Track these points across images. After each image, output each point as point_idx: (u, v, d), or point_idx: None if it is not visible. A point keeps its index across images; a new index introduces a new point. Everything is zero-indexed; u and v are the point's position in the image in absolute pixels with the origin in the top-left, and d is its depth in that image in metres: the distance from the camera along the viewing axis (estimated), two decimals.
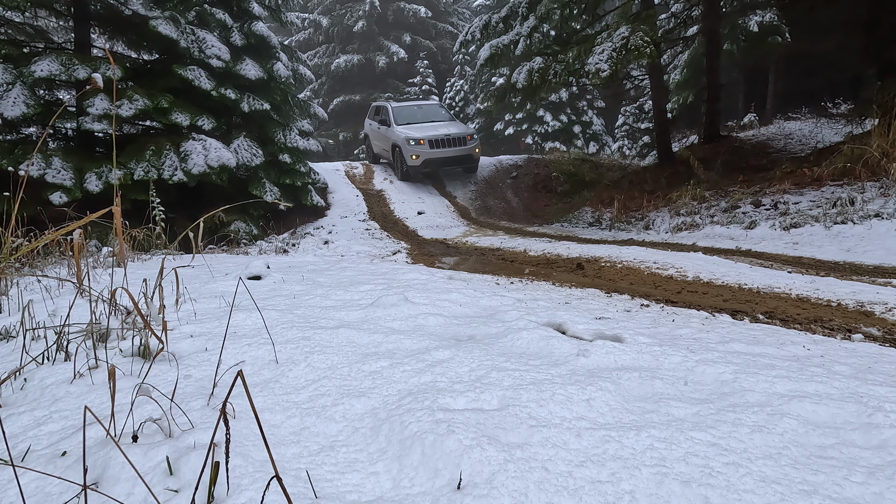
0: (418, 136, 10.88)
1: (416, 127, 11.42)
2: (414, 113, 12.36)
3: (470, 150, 11.38)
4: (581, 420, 1.23)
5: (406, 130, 11.17)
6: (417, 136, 10.91)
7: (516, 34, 9.38)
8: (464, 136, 11.28)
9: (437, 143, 10.93)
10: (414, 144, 10.88)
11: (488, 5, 23.77)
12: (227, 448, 0.88)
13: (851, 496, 0.95)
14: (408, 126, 11.43)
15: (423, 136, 10.87)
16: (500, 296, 2.78)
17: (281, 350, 1.67)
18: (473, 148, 11.47)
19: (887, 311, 2.60)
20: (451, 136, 11.03)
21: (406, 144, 10.92)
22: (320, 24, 27.52)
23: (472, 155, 11.53)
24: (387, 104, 12.51)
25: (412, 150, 10.93)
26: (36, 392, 1.39)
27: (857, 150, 6.34)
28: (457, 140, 11.16)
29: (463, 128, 11.89)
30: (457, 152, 11.22)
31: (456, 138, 11.13)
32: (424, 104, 13.29)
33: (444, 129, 11.21)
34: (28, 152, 6.30)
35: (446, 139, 10.98)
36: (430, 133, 10.99)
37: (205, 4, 8.06)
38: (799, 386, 1.41)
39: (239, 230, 7.81)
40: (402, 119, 11.87)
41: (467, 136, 11.38)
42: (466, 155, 11.40)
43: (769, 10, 11.47)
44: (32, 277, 2.86)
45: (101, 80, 1.59)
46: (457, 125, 11.87)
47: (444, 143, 11.01)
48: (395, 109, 12.14)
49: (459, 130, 11.45)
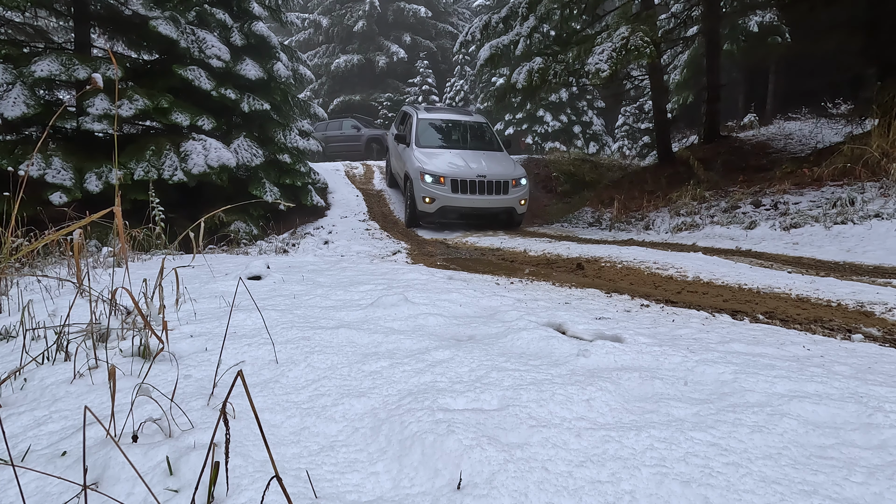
0: (439, 171, 7.52)
1: (440, 154, 8.01)
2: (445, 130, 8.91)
3: (513, 202, 7.74)
4: (581, 420, 1.23)
5: (424, 157, 7.86)
6: (438, 169, 7.56)
7: (516, 34, 9.39)
8: (507, 181, 7.63)
9: (464, 186, 7.51)
10: (431, 182, 7.52)
11: (488, 5, 23.78)
12: (227, 448, 0.88)
13: (851, 496, 0.95)
14: (429, 151, 8.12)
15: (445, 171, 7.52)
16: (500, 296, 2.78)
17: (281, 350, 1.67)
18: (519, 198, 7.78)
19: (887, 312, 2.60)
20: (488, 180, 7.52)
21: (419, 180, 7.55)
22: (320, 24, 27.52)
23: (515, 208, 7.81)
24: (412, 109, 9.16)
25: (427, 190, 7.54)
26: (36, 392, 1.39)
27: (857, 151, 6.34)
28: (495, 186, 7.59)
29: (508, 165, 8.19)
30: (491, 203, 7.64)
31: (494, 183, 7.56)
32: (464, 119, 9.42)
33: (481, 164, 7.79)
34: (28, 152, 6.31)
35: (480, 183, 7.51)
36: (458, 168, 7.62)
37: (205, 4, 8.06)
38: (799, 386, 1.41)
39: (239, 230, 7.81)
40: (425, 137, 8.50)
41: (512, 180, 7.67)
42: (506, 209, 7.77)
43: (769, 10, 11.48)
44: (32, 277, 2.86)
45: (101, 80, 1.59)
46: (501, 160, 8.26)
47: (474, 187, 7.54)
48: (419, 121, 8.72)
49: (502, 170, 7.85)
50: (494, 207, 7.78)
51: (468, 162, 7.88)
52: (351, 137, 18.80)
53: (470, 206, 7.67)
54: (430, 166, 7.68)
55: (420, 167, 7.68)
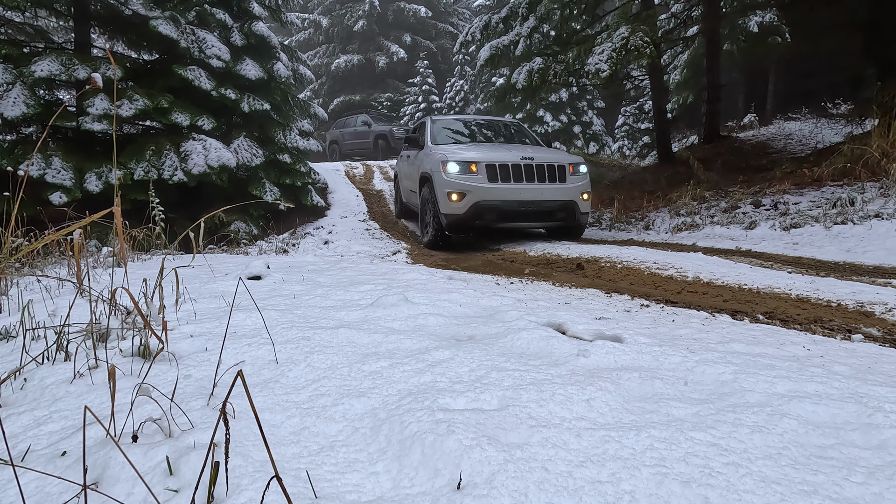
0: (469, 156, 5.75)
1: (466, 147, 6.35)
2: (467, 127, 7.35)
3: (573, 194, 5.81)
4: (581, 420, 1.23)
5: (446, 149, 6.14)
6: (467, 155, 5.80)
7: (516, 34, 9.39)
8: (562, 165, 5.84)
9: (504, 172, 5.62)
10: (458, 173, 5.64)
11: (488, 5, 23.78)
12: (227, 448, 0.88)
13: (851, 496, 0.95)
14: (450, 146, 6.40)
15: (478, 155, 5.79)
16: (500, 296, 2.78)
17: (281, 350, 1.67)
18: (581, 190, 5.88)
19: (887, 312, 2.60)
20: (537, 164, 5.71)
21: (441, 172, 5.70)
22: (320, 24, 27.53)
23: (578, 204, 5.84)
24: (426, 119, 7.48)
25: (452, 182, 5.62)
26: (36, 392, 1.39)
27: (857, 151, 6.34)
28: (547, 172, 5.73)
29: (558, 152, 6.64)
30: (545, 194, 5.68)
31: (546, 167, 5.74)
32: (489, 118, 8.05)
33: (524, 150, 6.14)
34: (28, 152, 6.31)
35: (527, 168, 5.68)
36: (494, 153, 5.86)
37: (205, 4, 8.06)
38: (799, 386, 1.41)
39: (239, 230, 7.81)
40: (443, 135, 6.93)
41: (569, 165, 5.90)
42: (564, 205, 5.77)
43: (769, 10, 11.48)
44: (32, 277, 2.86)
45: (100, 79, 1.59)
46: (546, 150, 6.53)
47: (519, 173, 5.65)
48: (434, 122, 7.27)
49: (554, 154, 6.15)
50: (549, 202, 5.67)
51: (506, 149, 6.09)
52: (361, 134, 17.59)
53: (516, 200, 5.58)
54: (456, 154, 5.83)
55: (441, 157, 5.82)
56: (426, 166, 6.26)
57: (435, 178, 5.87)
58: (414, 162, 7.11)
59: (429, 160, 6.21)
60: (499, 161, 5.68)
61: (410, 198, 7.58)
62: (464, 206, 5.60)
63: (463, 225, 5.77)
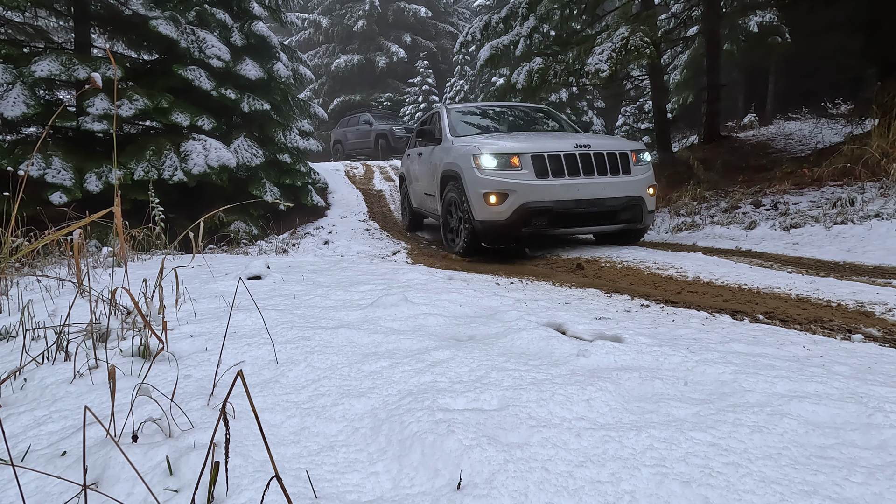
0: (509, 148, 4.65)
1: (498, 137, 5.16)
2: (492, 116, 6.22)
3: (639, 188, 4.80)
4: (581, 420, 1.22)
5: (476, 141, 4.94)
6: (506, 146, 4.69)
7: (516, 34, 9.39)
8: (624, 153, 4.79)
9: (555, 163, 4.56)
10: (496, 168, 4.57)
11: (488, 5, 23.78)
12: (227, 448, 0.88)
13: (851, 496, 0.95)
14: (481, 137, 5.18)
15: (520, 145, 4.67)
16: (500, 296, 2.78)
17: (281, 350, 1.67)
18: (647, 183, 4.88)
19: (887, 312, 2.60)
20: (595, 151, 4.66)
21: (473, 169, 4.63)
22: (320, 24, 27.53)
23: (645, 200, 4.85)
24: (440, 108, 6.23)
25: (489, 180, 4.56)
26: (36, 392, 1.39)
27: (857, 151, 6.34)
28: (608, 161, 4.68)
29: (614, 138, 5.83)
30: (607, 190, 4.64)
31: (606, 156, 4.69)
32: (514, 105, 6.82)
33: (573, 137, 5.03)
34: (28, 152, 6.31)
35: (584, 157, 4.63)
36: (541, 142, 4.76)
37: (205, 4, 8.07)
38: (799, 386, 1.41)
39: (239, 230, 7.81)
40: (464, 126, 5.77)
41: (631, 152, 4.85)
42: (630, 202, 4.74)
43: (769, 10, 11.48)
44: (32, 277, 2.86)
45: (100, 79, 1.59)
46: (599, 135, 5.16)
47: (575, 164, 4.60)
48: (451, 111, 6.02)
49: (611, 141, 5.07)
50: (613, 199, 4.58)
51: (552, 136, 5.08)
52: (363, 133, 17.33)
53: (572, 200, 4.46)
54: (491, 144, 4.68)
55: (472, 149, 4.65)
56: (450, 162, 5.06)
57: (465, 176, 4.69)
58: (430, 159, 5.86)
59: (453, 155, 5.03)
60: (548, 151, 4.52)
61: (425, 203, 6.37)
62: (506, 209, 4.45)
63: (504, 234, 4.62)
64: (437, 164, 5.49)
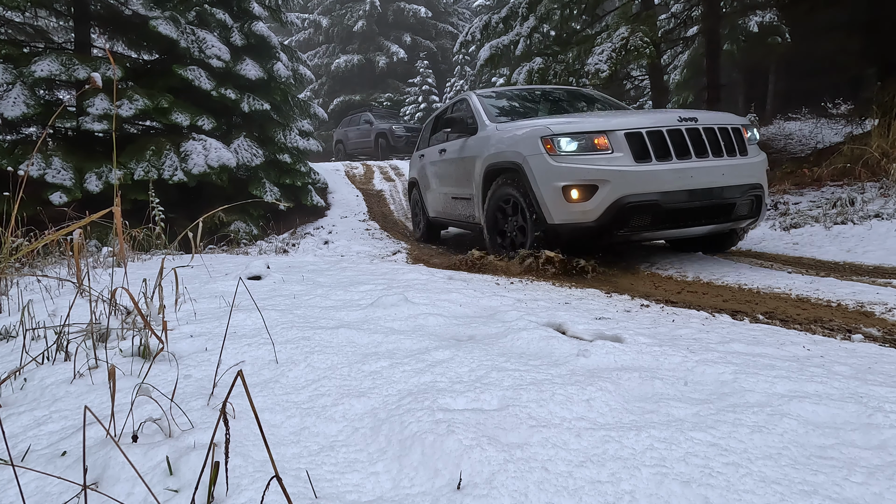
0: (592, 126, 3.60)
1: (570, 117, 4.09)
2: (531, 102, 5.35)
3: (758, 173, 3.76)
4: (581, 420, 1.22)
5: (542, 122, 3.88)
6: (588, 124, 3.64)
7: (516, 34, 9.40)
8: (736, 127, 3.75)
9: (659, 142, 3.51)
10: (577, 151, 3.54)
11: (488, 5, 23.78)
12: (227, 448, 0.88)
13: (851, 496, 0.95)
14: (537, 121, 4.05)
15: (606, 123, 3.58)
16: (500, 296, 2.78)
17: (281, 350, 1.67)
18: (763, 166, 3.88)
19: (887, 312, 2.60)
20: (705, 126, 3.60)
21: (545, 155, 3.61)
22: (320, 24, 27.53)
23: (764, 186, 3.82)
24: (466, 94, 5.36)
25: (571, 168, 3.50)
26: (36, 392, 1.39)
27: (857, 151, 6.34)
28: (722, 138, 3.64)
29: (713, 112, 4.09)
30: (725, 178, 3.54)
31: (719, 131, 3.64)
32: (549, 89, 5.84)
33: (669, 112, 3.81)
34: (28, 152, 6.31)
35: (692, 132, 3.56)
36: (629, 119, 3.64)
37: (205, 4, 8.07)
38: (799, 386, 1.41)
39: (239, 230, 7.82)
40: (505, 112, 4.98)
41: (742, 126, 3.81)
42: (750, 189, 3.66)
43: (769, 10, 11.47)
44: (32, 277, 2.86)
45: (100, 79, 1.59)
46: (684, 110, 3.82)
47: (682, 143, 3.53)
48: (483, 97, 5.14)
49: (714, 115, 3.83)
50: (733, 187, 3.59)
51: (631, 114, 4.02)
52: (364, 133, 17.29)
53: (685, 190, 3.47)
54: (567, 123, 3.68)
55: (541, 130, 3.66)
56: (499, 153, 4.11)
57: (531, 166, 3.65)
58: (461, 154, 4.94)
59: (506, 142, 4.03)
60: (646, 127, 3.48)
61: (452, 208, 5.37)
62: (594, 206, 3.42)
63: (595, 238, 3.60)
64: (477, 158, 4.54)
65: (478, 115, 4.87)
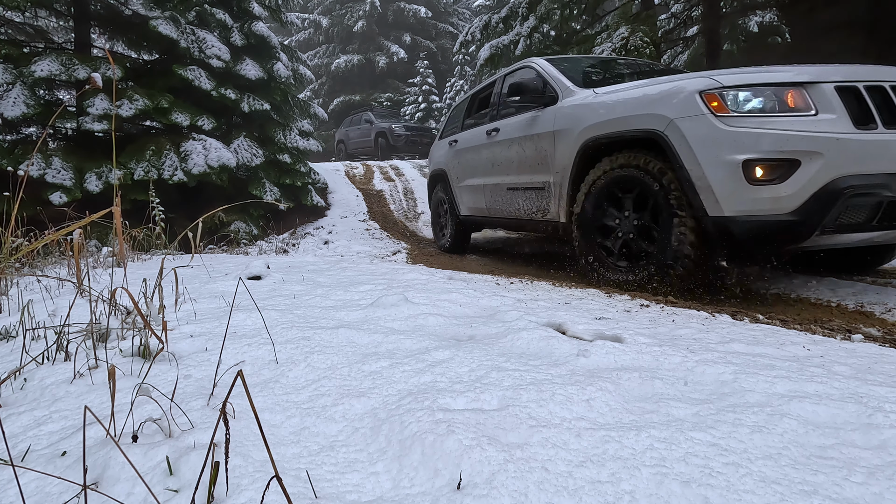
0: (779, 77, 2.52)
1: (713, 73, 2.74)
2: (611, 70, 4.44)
3: None
4: (581, 420, 1.22)
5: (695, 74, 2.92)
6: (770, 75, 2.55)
7: (516, 34, 9.40)
8: None
9: (884, 102, 2.46)
10: (762, 110, 2.47)
11: (488, 5, 23.77)
12: (227, 448, 0.88)
13: (851, 496, 0.95)
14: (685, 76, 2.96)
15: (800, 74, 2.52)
16: (500, 296, 2.78)
17: (281, 350, 1.67)
18: None
19: (887, 312, 2.60)
20: None
21: (709, 114, 2.54)
22: (320, 24, 27.54)
23: None
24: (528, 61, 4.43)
25: (754, 134, 2.40)
26: (36, 392, 1.39)
27: None
28: None
29: None
30: None
31: None
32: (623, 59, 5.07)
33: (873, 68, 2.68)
34: (28, 152, 6.31)
35: None
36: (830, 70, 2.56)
37: (205, 4, 8.07)
38: (799, 386, 1.41)
39: (239, 230, 7.81)
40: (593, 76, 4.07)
41: None
42: None
43: (769, 10, 11.47)
44: (32, 277, 2.86)
45: (100, 79, 1.59)
46: None
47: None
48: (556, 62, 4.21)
49: None
50: None
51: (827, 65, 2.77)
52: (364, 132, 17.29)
53: None
54: (738, 74, 2.70)
55: (699, 83, 2.70)
56: (611, 120, 3.14)
57: (686, 131, 2.66)
58: (531, 130, 3.97)
59: (627, 105, 3.04)
60: (864, 80, 2.59)
61: (505, 202, 4.47)
62: (796, 190, 2.43)
63: (788, 239, 2.58)
64: (562, 132, 3.59)
65: (556, 81, 3.91)
